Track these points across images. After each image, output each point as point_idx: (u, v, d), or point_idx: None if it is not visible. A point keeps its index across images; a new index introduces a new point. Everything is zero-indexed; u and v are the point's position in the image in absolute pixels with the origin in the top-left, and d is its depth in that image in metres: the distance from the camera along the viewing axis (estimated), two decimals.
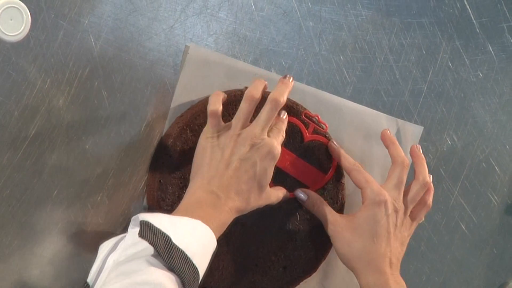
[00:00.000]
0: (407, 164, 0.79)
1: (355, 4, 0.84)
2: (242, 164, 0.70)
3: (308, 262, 0.82)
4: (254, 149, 0.70)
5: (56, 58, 0.69)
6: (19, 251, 0.71)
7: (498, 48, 0.93)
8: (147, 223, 0.60)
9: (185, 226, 0.63)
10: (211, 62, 0.77)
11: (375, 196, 0.76)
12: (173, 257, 0.58)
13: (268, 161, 0.71)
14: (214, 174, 0.70)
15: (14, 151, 0.68)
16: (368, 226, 0.76)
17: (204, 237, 0.64)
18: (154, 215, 0.62)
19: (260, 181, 0.71)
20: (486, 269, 1.01)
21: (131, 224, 0.63)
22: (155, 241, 0.58)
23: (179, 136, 0.75)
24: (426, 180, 0.81)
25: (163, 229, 0.60)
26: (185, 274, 0.58)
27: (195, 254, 0.60)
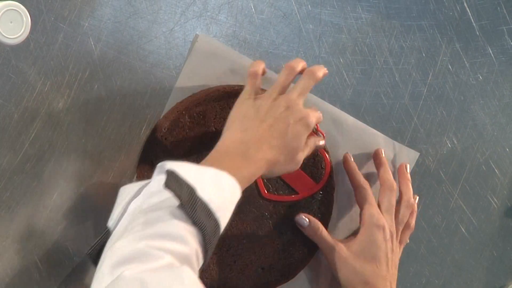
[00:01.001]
0: (395, 188, 0.82)
1: (355, 7, 0.84)
2: (276, 122, 0.69)
3: (287, 267, 0.82)
4: (289, 111, 0.70)
5: (56, 61, 0.69)
6: (18, 253, 0.71)
7: (498, 51, 0.93)
8: (173, 173, 0.59)
9: (210, 178, 0.61)
10: (218, 54, 0.77)
11: (376, 221, 0.78)
12: (196, 210, 0.57)
13: (300, 126, 0.70)
14: (247, 127, 0.69)
15: (14, 154, 0.68)
16: (370, 251, 0.78)
17: (228, 190, 0.62)
18: (181, 165, 0.61)
19: (291, 142, 0.70)
20: (486, 272, 1.01)
21: (156, 171, 0.62)
22: (180, 192, 0.57)
23: (177, 120, 0.75)
24: (411, 202, 0.84)
25: (189, 180, 0.59)
26: (206, 228, 0.58)
27: (219, 208, 0.59)
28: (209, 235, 0.58)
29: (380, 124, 0.88)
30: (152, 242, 0.54)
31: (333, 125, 0.84)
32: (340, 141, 0.85)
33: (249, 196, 0.79)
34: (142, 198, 0.60)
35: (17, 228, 0.70)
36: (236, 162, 0.66)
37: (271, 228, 0.80)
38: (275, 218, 0.80)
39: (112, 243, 0.56)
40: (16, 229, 0.70)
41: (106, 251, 0.56)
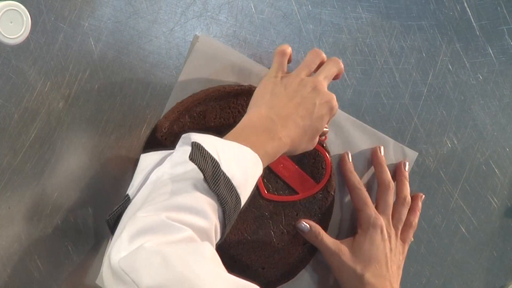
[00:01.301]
0: (392, 188, 0.83)
1: (355, 6, 0.84)
2: (303, 101, 0.70)
3: (287, 267, 0.82)
4: (315, 93, 0.70)
5: (56, 61, 0.69)
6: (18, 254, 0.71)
7: (498, 51, 0.93)
8: (198, 145, 0.59)
9: (234, 153, 0.62)
10: (219, 54, 0.77)
11: (373, 220, 0.79)
12: (219, 184, 0.57)
13: (326, 109, 0.71)
14: (275, 104, 0.69)
15: (14, 154, 0.68)
16: (369, 252, 0.78)
17: (251, 166, 0.63)
18: (205, 137, 0.61)
19: (315, 124, 0.70)
20: (486, 272, 1.01)
21: (181, 142, 0.62)
22: (205, 166, 0.57)
23: (177, 120, 0.75)
24: (408, 200, 0.84)
25: (213, 154, 0.59)
26: (228, 203, 0.58)
27: (240, 183, 0.60)
28: (229, 210, 0.58)
29: (380, 124, 0.88)
30: (173, 214, 0.54)
31: (333, 125, 0.84)
32: (340, 141, 0.85)
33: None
34: (165, 167, 0.60)
35: (17, 228, 0.70)
36: (261, 138, 0.66)
37: (271, 228, 0.80)
38: (275, 218, 0.80)
39: (133, 212, 0.56)
40: (16, 229, 0.70)
41: (127, 219, 0.56)
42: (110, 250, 0.54)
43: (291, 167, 0.80)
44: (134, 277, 0.51)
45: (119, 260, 0.52)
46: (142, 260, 0.51)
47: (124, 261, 0.52)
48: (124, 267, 0.52)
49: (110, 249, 0.54)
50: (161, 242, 0.52)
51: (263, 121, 0.68)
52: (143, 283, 0.50)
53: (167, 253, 0.51)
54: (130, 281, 0.51)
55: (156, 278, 0.50)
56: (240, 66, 0.78)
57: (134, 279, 0.51)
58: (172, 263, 0.51)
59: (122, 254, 0.52)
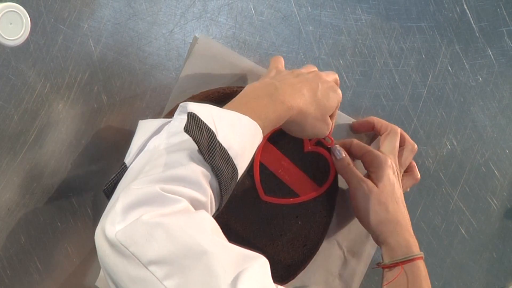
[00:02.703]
0: (399, 131, 0.82)
1: (354, 8, 0.84)
2: (307, 80, 0.70)
3: (287, 268, 0.82)
4: (318, 77, 0.71)
5: (56, 62, 0.69)
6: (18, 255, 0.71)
7: (498, 52, 0.93)
8: (194, 116, 0.58)
9: (232, 123, 0.60)
10: (218, 56, 0.77)
11: (383, 158, 0.78)
12: (215, 156, 0.57)
13: (330, 90, 0.71)
14: (279, 77, 0.69)
15: (13, 155, 0.68)
16: (390, 189, 0.78)
17: (249, 135, 0.62)
18: (203, 107, 0.60)
19: (322, 99, 0.70)
20: (486, 273, 1.01)
21: (178, 110, 0.61)
22: (200, 137, 0.56)
23: None
24: (415, 146, 0.83)
25: (209, 124, 0.58)
26: (223, 174, 0.57)
27: (237, 154, 0.59)
28: (225, 182, 0.58)
29: None
30: (168, 186, 0.54)
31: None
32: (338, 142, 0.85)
33: (249, 197, 0.79)
34: (162, 136, 0.59)
35: (17, 229, 0.70)
36: (262, 102, 0.65)
37: (271, 229, 0.80)
38: (275, 220, 0.80)
39: (128, 182, 0.56)
40: (16, 231, 0.70)
41: (121, 189, 0.55)
42: (104, 221, 0.52)
43: (293, 170, 0.80)
44: (134, 250, 0.50)
45: (116, 233, 0.51)
46: (142, 233, 0.50)
47: (123, 234, 0.51)
48: (123, 240, 0.51)
49: (104, 220, 0.53)
50: (157, 214, 0.52)
51: (265, 86, 0.67)
52: (145, 256, 0.50)
53: (168, 225, 0.51)
54: (130, 255, 0.50)
55: (160, 251, 0.50)
56: (239, 67, 0.78)
57: (135, 252, 0.50)
58: (175, 235, 0.50)
59: (117, 227, 0.51)
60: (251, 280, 0.51)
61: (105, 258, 0.52)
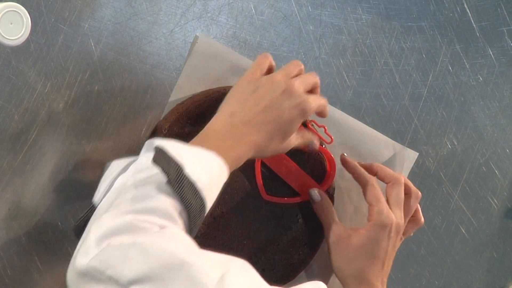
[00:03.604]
0: (403, 181, 0.79)
1: (355, 8, 0.84)
2: (271, 106, 0.67)
3: (287, 269, 0.82)
4: (286, 95, 0.68)
5: (56, 62, 0.69)
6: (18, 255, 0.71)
7: (498, 52, 0.93)
8: (161, 150, 0.58)
9: (198, 157, 0.61)
10: (218, 55, 0.77)
11: (384, 219, 0.76)
12: (184, 188, 0.57)
13: (296, 112, 0.68)
14: (241, 108, 0.68)
15: (14, 155, 0.68)
16: (369, 247, 0.76)
17: (216, 170, 0.62)
18: (169, 142, 0.60)
19: (283, 128, 0.69)
20: (486, 273, 1.01)
21: (144, 148, 0.62)
22: (168, 169, 0.57)
23: (177, 122, 0.75)
24: (419, 194, 0.81)
25: (177, 157, 0.58)
26: (192, 206, 0.58)
27: (205, 187, 0.59)
28: (194, 214, 0.58)
29: (380, 125, 0.88)
30: (140, 216, 0.54)
31: (332, 126, 0.84)
32: (339, 143, 0.85)
33: (250, 197, 0.79)
34: (129, 173, 0.59)
35: (17, 229, 0.70)
36: (225, 143, 0.65)
37: (272, 229, 0.80)
38: (275, 219, 0.80)
39: (98, 216, 0.56)
40: (16, 231, 0.70)
41: (91, 224, 0.55)
42: (76, 255, 0.53)
43: (293, 169, 0.80)
44: (112, 273, 0.50)
45: (89, 261, 0.51)
46: (117, 255, 0.50)
47: (96, 260, 0.51)
48: (98, 266, 0.50)
49: (76, 254, 0.53)
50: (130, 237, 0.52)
51: (228, 126, 0.67)
52: (125, 277, 0.49)
53: (142, 243, 0.51)
54: (107, 279, 0.50)
55: (138, 269, 0.49)
56: (239, 67, 0.78)
57: (113, 275, 0.50)
58: (150, 251, 0.50)
59: (91, 256, 0.51)
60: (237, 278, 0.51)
61: None
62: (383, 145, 0.87)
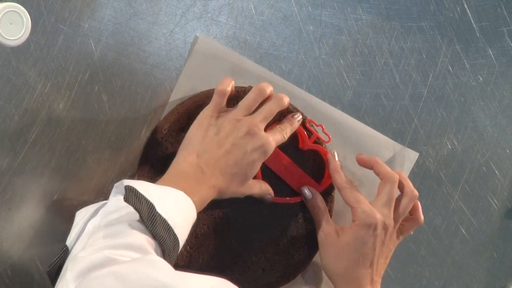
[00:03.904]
0: (396, 179, 0.79)
1: (355, 8, 0.84)
2: (234, 148, 0.70)
3: (288, 269, 0.82)
4: (248, 137, 0.70)
5: (56, 62, 0.69)
6: (19, 256, 0.71)
7: (498, 52, 0.93)
8: (132, 188, 0.59)
9: (168, 196, 0.62)
10: (218, 56, 0.77)
11: (366, 218, 0.75)
12: (156, 225, 0.58)
13: (258, 154, 0.71)
14: (204, 150, 0.70)
15: (14, 155, 0.68)
16: (354, 247, 0.76)
17: (185, 208, 0.63)
18: (139, 182, 0.62)
19: (245, 171, 0.71)
20: (486, 273, 1.01)
21: (113, 192, 0.62)
22: (140, 207, 0.57)
23: (177, 122, 0.75)
24: (415, 193, 0.80)
25: (147, 196, 0.59)
26: (166, 242, 0.58)
27: (177, 224, 0.60)
28: (168, 250, 0.59)
29: (380, 125, 0.88)
30: (116, 251, 0.54)
31: (332, 126, 0.84)
32: (339, 142, 0.85)
33: (249, 197, 0.79)
34: (100, 216, 0.59)
35: (17, 229, 0.70)
36: (191, 185, 0.67)
37: (272, 229, 0.80)
38: (275, 219, 0.80)
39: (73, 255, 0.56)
40: (16, 231, 0.70)
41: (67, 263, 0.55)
42: None
43: (292, 168, 0.80)
44: None
45: None
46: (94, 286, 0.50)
47: None
48: None
49: None
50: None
51: (193, 169, 0.68)
52: None
53: (121, 271, 0.50)
54: None
55: None
56: (239, 67, 0.78)
57: None
58: (130, 278, 0.50)
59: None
60: None
61: None
62: (383, 145, 0.87)
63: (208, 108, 0.73)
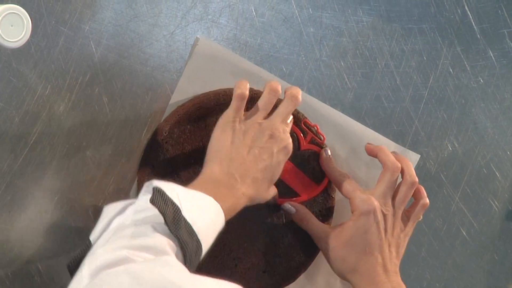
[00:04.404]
0: (397, 167, 0.77)
1: (355, 10, 0.84)
2: (262, 152, 0.71)
3: (288, 271, 0.82)
4: (273, 140, 0.71)
5: (57, 64, 0.69)
6: (20, 259, 0.71)
7: (499, 54, 0.93)
8: (159, 190, 0.59)
9: (197, 200, 0.62)
10: (219, 58, 0.77)
11: (364, 205, 0.75)
12: (180, 228, 0.57)
13: (282, 155, 0.72)
14: (235, 157, 0.70)
15: (14, 157, 0.68)
16: (358, 237, 0.76)
17: (213, 214, 0.63)
18: (168, 184, 0.61)
19: (272, 173, 0.72)
20: (487, 275, 1.01)
21: (143, 190, 0.62)
22: (165, 210, 0.57)
23: (177, 124, 0.75)
24: (414, 180, 0.79)
25: (174, 199, 0.59)
26: (188, 247, 0.58)
27: (201, 229, 0.60)
28: (190, 255, 0.58)
29: (381, 127, 0.88)
30: (135, 252, 0.54)
31: (333, 128, 0.84)
32: (340, 144, 0.85)
33: None
34: (127, 214, 0.59)
35: (18, 231, 0.70)
36: (222, 192, 0.66)
37: (272, 231, 0.80)
38: (276, 221, 0.80)
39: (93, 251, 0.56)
40: (17, 233, 0.70)
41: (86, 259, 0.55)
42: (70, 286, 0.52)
43: (293, 170, 0.80)
44: None
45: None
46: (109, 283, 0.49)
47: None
48: None
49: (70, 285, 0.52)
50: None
51: (224, 177, 0.69)
52: None
53: (135, 270, 0.50)
54: None
55: None
56: (240, 69, 0.78)
57: None
58: (144, 277, 0.49)
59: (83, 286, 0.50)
60: None
61: None
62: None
63: (228, 113, 0.72)
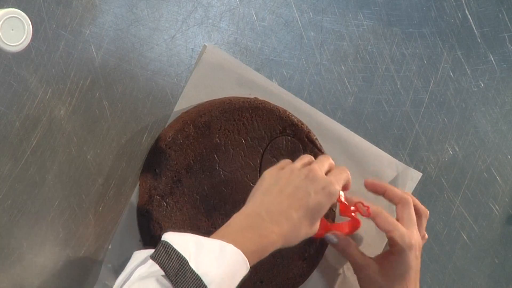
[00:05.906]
0: (411, 201, 0.79)
1: (356, 14, 0.84)
2: (296, 191, 0.68)
3: (286, 282, 0.81)
4: (309, 180, 0.69)
5: (57, 69, 0.69)
6: (20, 262, 0.70)
7: (500, 58, 0.93)
8: (165, 244, 0.58)
9: (211, 250, 0.60)
10: (225, 66, 0.77)
11: (407, 240, 0.76)
12: (185, 281, 0.56)
13: (322, 196, 0.69)
14: (265, 199, 0.68)
15: (15, 162, 0.68)
16: (400, 272, 0.76)
17: (232, 262, 0.60)
18: (181, 235, 0.60)
19: (312, 213, 0.69)
20: (488, 279, 1.00)
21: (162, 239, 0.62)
22: (168, 264, 0.57)
23: (182, 130, 0.75)
24: (427, 212, 0.81)
25: (182, 251, 0.58)
26: None
27: (213, 281, 0.57)
28: None
29: (381, 131, 0.88)
30: None
31: (337, 143, 0.83)
32: (343, 160, 0.84)
33: None
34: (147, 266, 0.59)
35: (18, 236, 0.70)
36: (246, 235, 0.64)
37: None
38: None
39: None
40: (17, 238, 0.70)
41: None
42: None
43: None
44: None
45: None
46: None
47: None
48: None
49: None
50: None
51: (251, 218, 0.66)
52: None
53: None
54: None
55: None
56: (246, 78, 0.78)
57: None
58: None
59: None
60: None
61: None
62: (386, 165, 0.87)
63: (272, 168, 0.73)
